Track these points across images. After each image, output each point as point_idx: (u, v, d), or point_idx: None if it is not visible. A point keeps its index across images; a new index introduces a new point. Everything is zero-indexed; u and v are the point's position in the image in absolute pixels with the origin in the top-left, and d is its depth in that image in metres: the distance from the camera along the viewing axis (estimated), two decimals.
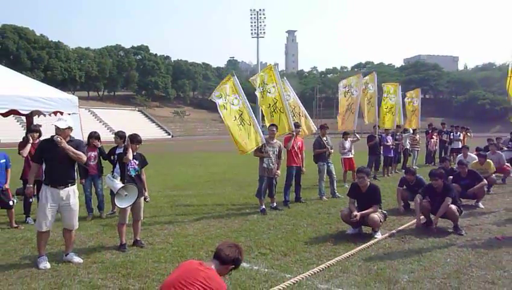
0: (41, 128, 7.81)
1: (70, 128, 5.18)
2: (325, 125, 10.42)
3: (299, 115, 10.54)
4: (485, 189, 9.23)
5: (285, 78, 11.19)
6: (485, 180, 8.94)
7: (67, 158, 5.16)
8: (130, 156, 5.89)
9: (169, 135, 70.77)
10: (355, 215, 6.34)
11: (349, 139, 12.09)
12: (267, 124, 8.98)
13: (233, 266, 3.33)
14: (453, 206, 6.65)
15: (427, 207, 6.97)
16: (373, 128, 13.90)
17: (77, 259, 5.29)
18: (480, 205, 8.75)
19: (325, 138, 9.98)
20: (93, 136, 7.94)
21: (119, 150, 6.87)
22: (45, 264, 5.07)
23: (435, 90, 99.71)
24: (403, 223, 7.34)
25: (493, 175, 10.64)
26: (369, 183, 6.65)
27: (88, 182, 7.94)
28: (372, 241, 6.11)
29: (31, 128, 7.74)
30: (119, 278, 4.73)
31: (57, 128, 5.09)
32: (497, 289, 4.34)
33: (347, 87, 12.53)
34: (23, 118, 9.97)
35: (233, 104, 8.43)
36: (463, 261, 5.21)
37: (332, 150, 10.06)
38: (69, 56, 77.87)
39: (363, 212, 6.39)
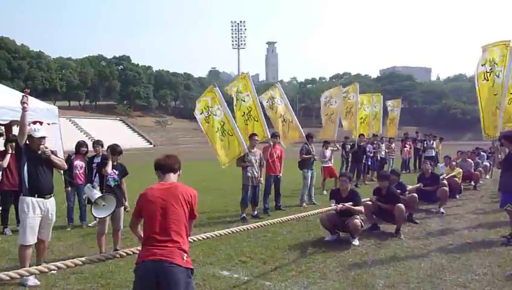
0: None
1: (44, 137, 5.16)
2: (311, 134, 10.58)
3: (290, 121, 10.51)
4: (447, 193, 9.29)
5: (278, 83, 11.37)
6: (446, 188, 9.19)
7: (51, 167, 5.19)
8: (109, 169, 5.89)
9: (151, 144, 70.08)
10: (338, 209, 6.35)
11: (329, 148, 12.34)
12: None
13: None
14: (402, 206, 6.85)
15: (369, 208, 7.14)
16: (346, 138, 14.48)
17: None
18: (441, 210, 8.86)
19: (311, 146, 10.18)
20: (82, 144, 7.89)
21: (97, 160, 6.85)
22: (35, 281, 4.79)
23: (409, 100, 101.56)
24: (384, 229, 7.49)
25: (461, 184, 11.12)
26: (349, 188, 6.77)
27: (72, 191, 7.87)
28: (350, 248, 6.23)
29: (10, 138, 7.63)
30: (98, 288, 4.71)
31: (31, 138, 5.07)
32: None
33: (327, 98, 12.84)
34: (2, 127, 9.83)
35: (216, 115, 8.48)
36: (436, 266, 5.36)
37: (317, 157, 10.30)
38: (50, 66, 76.63)
39: (346, 205, 6.37)
